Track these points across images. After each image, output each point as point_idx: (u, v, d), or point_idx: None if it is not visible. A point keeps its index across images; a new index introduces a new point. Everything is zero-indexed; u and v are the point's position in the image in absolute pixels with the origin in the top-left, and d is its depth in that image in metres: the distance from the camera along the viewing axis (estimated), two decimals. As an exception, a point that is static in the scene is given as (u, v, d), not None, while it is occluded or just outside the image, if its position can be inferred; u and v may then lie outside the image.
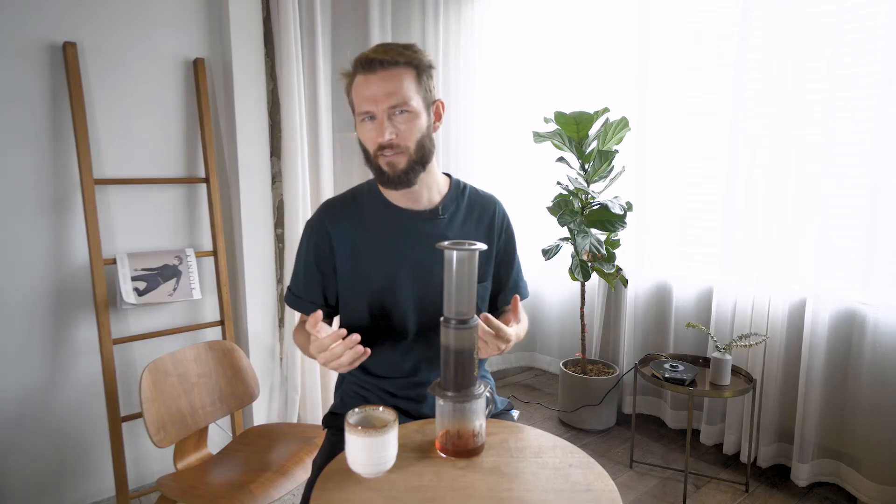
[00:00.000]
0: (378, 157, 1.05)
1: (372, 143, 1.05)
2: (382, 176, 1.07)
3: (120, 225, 1.93)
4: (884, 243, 1.87)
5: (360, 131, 1.07)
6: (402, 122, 1.03)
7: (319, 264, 1.16)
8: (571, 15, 2.83)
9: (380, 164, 1.06)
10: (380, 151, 1.04)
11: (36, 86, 1.75)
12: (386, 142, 1.02)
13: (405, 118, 1.03)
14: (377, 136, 1.03)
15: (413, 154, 1.05)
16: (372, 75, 1.01)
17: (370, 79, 1.01)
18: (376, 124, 1.03)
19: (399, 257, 1.13)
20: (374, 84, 1.01)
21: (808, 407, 2.02)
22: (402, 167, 1.05)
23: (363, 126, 1.05)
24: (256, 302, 2.20)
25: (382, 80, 1.00)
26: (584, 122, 2.33)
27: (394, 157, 1.04)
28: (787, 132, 2.05)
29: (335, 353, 0.91)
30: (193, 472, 1.43)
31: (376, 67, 1.01)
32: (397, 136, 1.03)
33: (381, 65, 1.00)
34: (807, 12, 1.97)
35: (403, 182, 1.06)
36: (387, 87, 1.00)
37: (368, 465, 0.84)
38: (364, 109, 1.03)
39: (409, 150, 1.04)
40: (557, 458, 0.93)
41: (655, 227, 2.55)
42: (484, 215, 1.21)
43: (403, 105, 1.02)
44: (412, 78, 1.03)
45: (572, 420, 2.58)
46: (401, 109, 1.02)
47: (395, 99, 1.01)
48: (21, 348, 1.79)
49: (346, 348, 0.91)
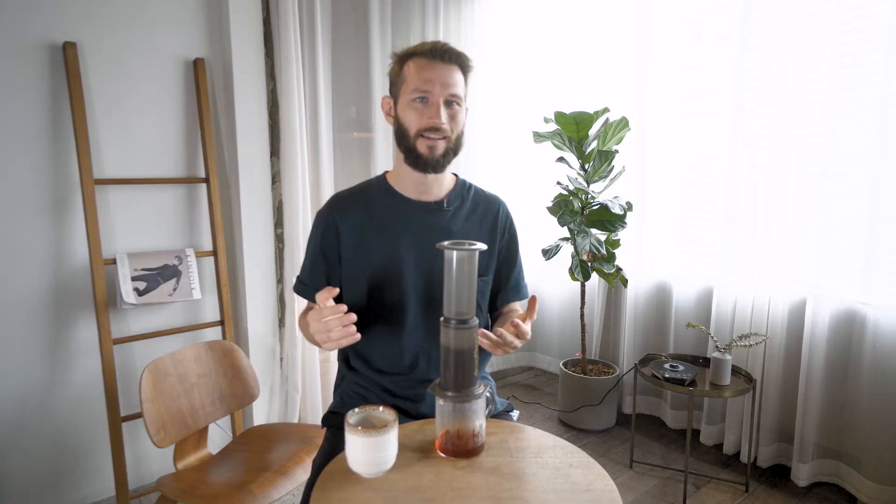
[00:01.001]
0: (419, 139, 1.10)
1: (418, 123, 1.09)
2: (418, 158, 1.11)
3: (120, 225, 1.93)
4: (884, 243, 1.87)
5: (407, 111, 1.10)
6: (453, 113, 1.11)
7: (325, 253, 1.18)
8: (571, 15, 2.83)
9: (418, 146, 1.10)
10: (425, 132, 1.09)
11: (36, 86, 1.75)
12: (439, 124, 1.08)
13: (455, 110, 1.11)
14: (432, 117, 1.08)
15: (453, 143, 1.12)
16: (438, 63, 1.08)
17: (436, 65, 1.08)
18: (430, 106, 1.08)
19: (403, 246, 1.15)
20: (441, 70, 1.08)
21: (808, 407, 2.02)
22: (440, 152, 1.11)
23: (412, 105, 1.09)
24: (256, 302, 2.20)
25: (447, 70, 1.09)
26: (584, 122, 2.33)
27: (437, 141, 1.10)
28: (787, 132, 2.05)
29: (328, 325, 0.93)
30: (193, 472, 1.43)
31: (446, 58, 1.09)
32: (448, 122, 1.09)
33: (449, 57, 1.09)
34: (807, 12, 1.97)
35: (438, 166, 1.12)
36: (450, 77, 1.09)
37: (368, 465, 0.84)
38: (424, 89, 1.08)
39: (451, 138, 1.11)
40: (557, 458, 0.93)
41: (655, 227, 2.55)
42: (488, 213, 1.24)
43: (458, 98, 1.10)
44: (463, 79, 1.12)
45: (572, 420, 2.58)
46: (455, 101, 1.10)
47: (454, 89, 1.09)
48: (21, 348, 1.79)
49: (339, 324, 0.93)
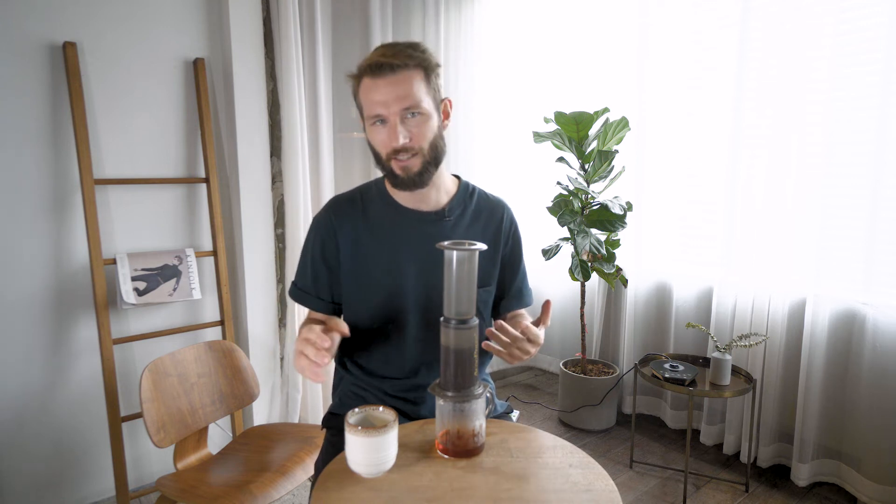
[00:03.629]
0: (391, 161, 1.04)
1: (384, 146, 1.03)
2: (395, 179, 1.05)
3: (120, 225, 1.93)
4: (884, 243, 1.87)
5: (372, 135, 1.04)
6: (414, 125, 1.01)
7: (326, 259, 1.15)
8: (571, 15, 2.83)
9: (393, 168, 1.04)
10: (393, 155, 1.02)
11: (36, 86, 1.75)
12: (400, 146, 1.00)
13: (418, 121, 1.01)
14: (391, 141, 1.01)
15: (427, 155, 1.04)
16: (381, 79, 0.98)
17: (379, 83, 0.99)
18: (388, 128, 1.01)
19: (402, 258, 1.12)
20: (384, 88, 0.98)
21: (807, 407, 2.02)
22: (416, 170, 1.03)
23: (374, 130, 1.03)
24: (256, 302, 2.20)
25: (392, 84, 0.98)
26: (584, 122, 2.33)
27: (408, 160, 1.02)
28: (787, 132, 2.04)
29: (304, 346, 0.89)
30: (193, 472, 1.43)
31: (385, 71, 0.98)
32: (411, 139, 1.01)
33: (391, 68, 0.98)
34: (807, 12, 1.96)
35: (417, 183, 1.05)
36: (397, 90, 0.98)
37: (368, 465, 0.84)
38: (375, 113, 1.00)
39: (423, 151, 1.03)
40: (557, 458, 0.93)
41: (655, 227, 2.55)
42: (492, 220, 1.19)
43: (415, 108, 1.00)
44: (421, 79, 1.00)
45: (572, 420, 2.58)
46: (413, 112, 1.00)
47: (406, 102, 0.99)
48: (21, 348, 1.79)
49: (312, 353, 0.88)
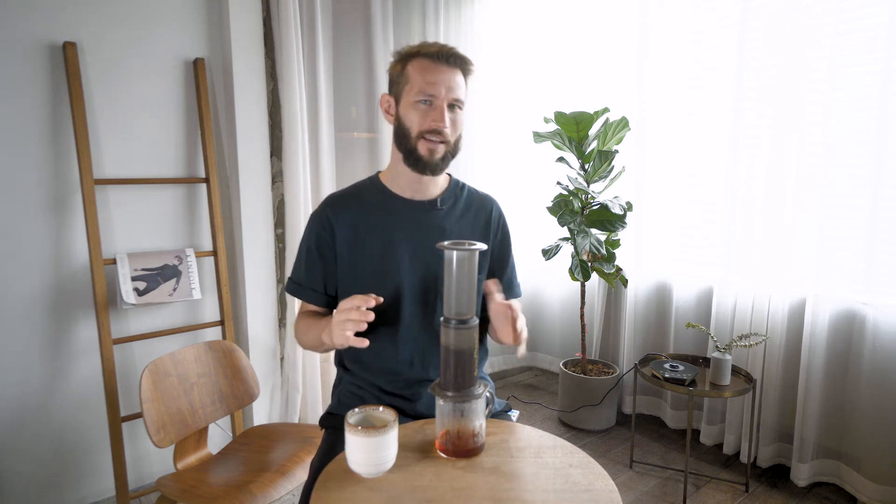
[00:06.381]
0: (420, 140, 1.10)
1: (420, 125, 1.09)
2: (418, 160, 1.11)
3: (120, 225, 1.93)
4: (884, 243, 1.87)
5: (409, 111, 1.10)
6: (455, 117, 1.11)
7: (321, 251, 1.18)
8: (571, 15, 2.83)
9: (419, 148, 1.10)
10: (426, 134, 1.09)
11: (36, 86, 1.75)
12: (443, 128, 1.08)
13: (457, 115, 1.11)
14: (436, 120, 1.08)
15: (452, 147, 1.13)
16: (443, 65, 1.08)
17: (441, 67, 1.08)
18: (435, 109, 1.08)
19: (397, 244, 1.16)
20: (446, 73, 1.08)
21: (807, 407, 2.02)
22: (439, 155, 1.11)
23: (416, 107, 1.09)
24: (256, 302, 2.20)
25: (452, 74, 1.08)
26: (584, 122, 2.33)
27: (437, 145, 1.10)
28: (787, 132, 2.05)
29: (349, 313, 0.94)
30: (193, 472, 1.43)
31: (451, 61, 1.08)
32: (449, 127, 1.10)
33: (454, 61, 1.08)
34: (806, 12, 1.97)
35: (437, 169, 1.13)
36: (455, 80, 1.09)
37: (368, 465, 0.84)
38: (429, 93, 1.07)
39: (450, 142, 1.11)
40: (557, 458, 0.93)
41: (655, 227, 2.55)
42: (481, 212, 1.25)
43: (460, 103, 1.11)
44: (466, 85, 1.12)
45: (572, 420, 2.58)
46: (458, 105, 1.11)
47: (457, 93, 1.09)
48: (21, 348, 1.79)
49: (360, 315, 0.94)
